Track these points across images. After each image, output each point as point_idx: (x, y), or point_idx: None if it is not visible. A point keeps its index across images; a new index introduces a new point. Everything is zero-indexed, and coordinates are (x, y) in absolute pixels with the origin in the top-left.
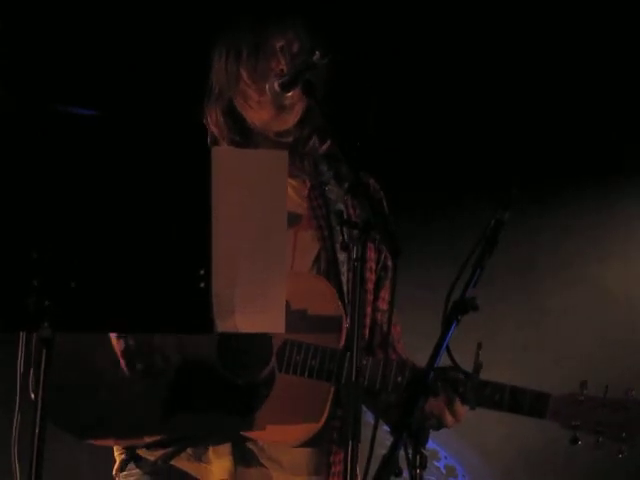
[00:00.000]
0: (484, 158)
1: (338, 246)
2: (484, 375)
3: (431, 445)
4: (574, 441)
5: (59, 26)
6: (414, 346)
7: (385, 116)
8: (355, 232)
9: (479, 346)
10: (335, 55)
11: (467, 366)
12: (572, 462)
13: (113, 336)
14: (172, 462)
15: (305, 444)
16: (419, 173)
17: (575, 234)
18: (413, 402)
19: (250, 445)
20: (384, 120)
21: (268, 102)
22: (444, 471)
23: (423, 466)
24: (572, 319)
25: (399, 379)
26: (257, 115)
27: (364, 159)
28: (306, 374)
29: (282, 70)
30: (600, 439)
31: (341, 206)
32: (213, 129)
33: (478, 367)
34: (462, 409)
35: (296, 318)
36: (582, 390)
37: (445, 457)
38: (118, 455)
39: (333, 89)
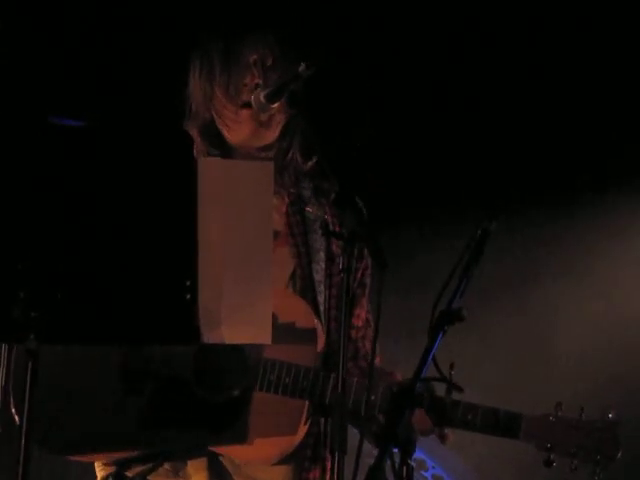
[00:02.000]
0: (473, 168)
1: (314, 265)
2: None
3: (419, 454)
4: (548, 463)
5: (44, 37)
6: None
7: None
8: (340, 243)
9: (451, 366)
10: (320, 67)
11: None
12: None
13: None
14: (150, 478)
15: (282, 462)
16: (408, 184)
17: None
18: (399, 413)
19: (225, 462)
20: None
21: (246, 119)
22: None
23: (409, 477)
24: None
25: (372, 397)
26: (235, 133)
27: (350, 172)
28: (280, 392)
29: (257, 84)
30: (574, 462)
31: (326, 218)
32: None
33: (454, 388)
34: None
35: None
36: (557, 411)
37: (433, 467)
38: (99, 472)
39: (318, 101)
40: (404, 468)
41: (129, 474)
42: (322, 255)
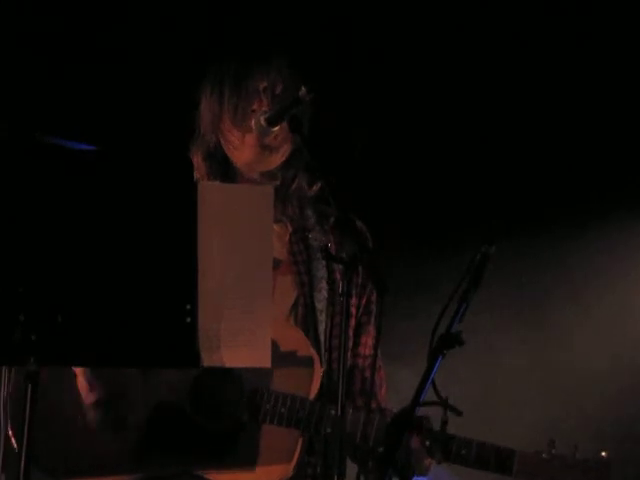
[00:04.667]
0: (472, 192)
1: (316, 293)
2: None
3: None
4: None
5: (48, 58)
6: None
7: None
8: (340, 268)
9: (446, 401)
10: (320, 93)
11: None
12: None
13: (83, 387)
14: None
15: None
16: (406, 208)
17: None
18: (398, 437)
19: None
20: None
21: (252, 142)
22: None
23: None
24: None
25: (368, 429)
26: (241, 155)
27: (352, 197)
28: (275, 422)
29: (265, 112)
30: None
31: (330, 245)
32: (196, 172)
33: (444, 423)
34: (428, 461)
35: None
36: (550, 449)
37: None
38: None
39: (318, 126)
40: None
41: None
42: (324, 283)
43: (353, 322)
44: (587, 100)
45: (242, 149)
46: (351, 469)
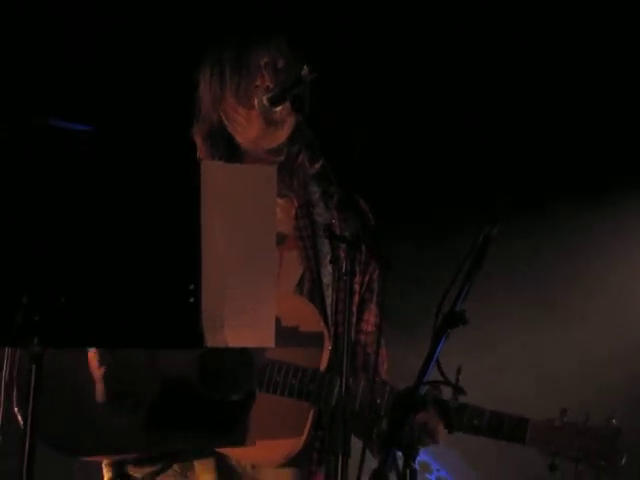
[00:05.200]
0: (472, 172)
1: (323, 269)
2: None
3: (423, 457)
4: (553, 467)
5: (50, 41)
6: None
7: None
8: (344, 246)
9: (459, 370)
10: (321, 72)
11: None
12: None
13: (93, 361)
14: (158, 478)
15: (286, 464)
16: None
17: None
18: (402, 416)
19: (233, 463)
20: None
21: (256, 118)
22: None
23: None
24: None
25: (378, 401)
26: (246, 133)
27: (355, 175)
28: (286, 394)
29: (268, 87)
30: (579, 467)
31: (333, 222)
32: (198, 153)
33: (458, 391)
34: (442, 430)
35: (278, 337)
36: (562, 417)
37: (437, 469)
38: (106, 473)
39: (321, 105)
40: (407, 471)
41: (138, 475)
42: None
43: (357, 299)
44: (583, 80)
45: (248, 126)
46: (355, 444)
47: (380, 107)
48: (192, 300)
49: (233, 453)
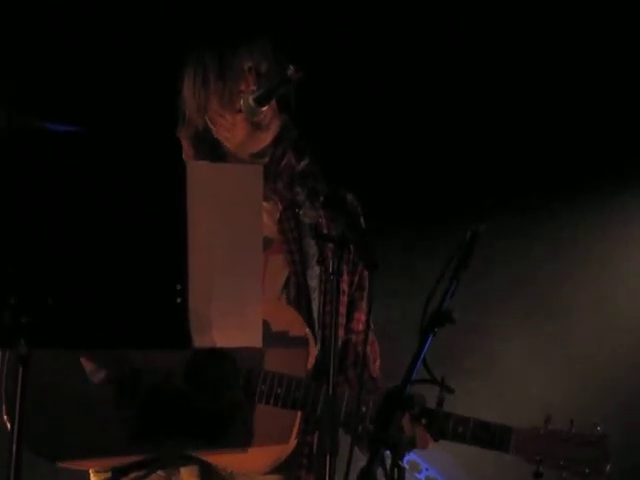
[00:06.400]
0: (468, 172)
1: (309, 271)
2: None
3: (412, 457)
4: (537, 475)
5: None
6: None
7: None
8: (330, 246)
9: (442, 380)
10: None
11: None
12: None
13: (89, 366)
14: None
15: (274, 471)
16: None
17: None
18: (390, 415)
19: (219, 469)
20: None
21: (242, 122)
22: None
23: (401, 479)
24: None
25: (363, 409)
26: (232, 137)
27: (341, 174)
28: (272, 403)
29: (253, 91)
30: (563, 474)
31: (320, 221)
32: (184, 156)
33: (441, 400)
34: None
35: (263, 343)
36: (546, 425)
37: (426, 469)
38: (93, 478)
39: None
40: (395, 470)
41: None
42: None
43: (345, 299)
44: (573, 77)
45: (233, 130)
46: (343, 443)
47: (370, 104)
48: (179, 300)
49: (218, 460)
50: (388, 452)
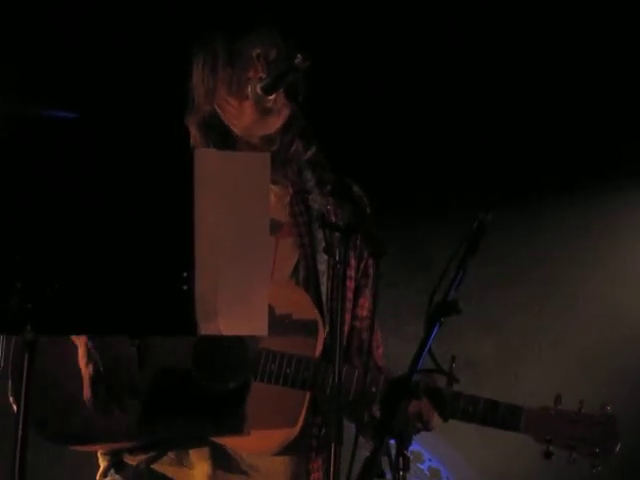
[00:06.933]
0: (472, 163)
1: (318, 256)
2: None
3: (415, 447)
4: (547, 455)
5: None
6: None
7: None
8: (337, 234)
9: (453, 359)
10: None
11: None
12: (553, 464)
13: (82, 359)
14: (154, 466)
15: (283, 452)
16: (405, 178)
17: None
18: (395, 404)
19: (229, 451)
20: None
21: (249, 108)
22: (428, 473)
23: (406, 468)
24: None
25: (373, 389)
26: (240, 122)
27: (348, 163)
28: (281, 382)
29: (261, 78)
30: (573, 454)
31: (323, 209)
32: (192, 142)
33: (452, 379)
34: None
35: (272, 325)
36: (556, 404)
37: (429, 459)
38: (101, 462)
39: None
40: (400, 459)
41: (133, 463)
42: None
43: (352, 285)
44: (568, 76)
45: (241, 116)
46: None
47: (374, 96)
48: (186, 287)
49: (227, 442)
50: (393, 441)
